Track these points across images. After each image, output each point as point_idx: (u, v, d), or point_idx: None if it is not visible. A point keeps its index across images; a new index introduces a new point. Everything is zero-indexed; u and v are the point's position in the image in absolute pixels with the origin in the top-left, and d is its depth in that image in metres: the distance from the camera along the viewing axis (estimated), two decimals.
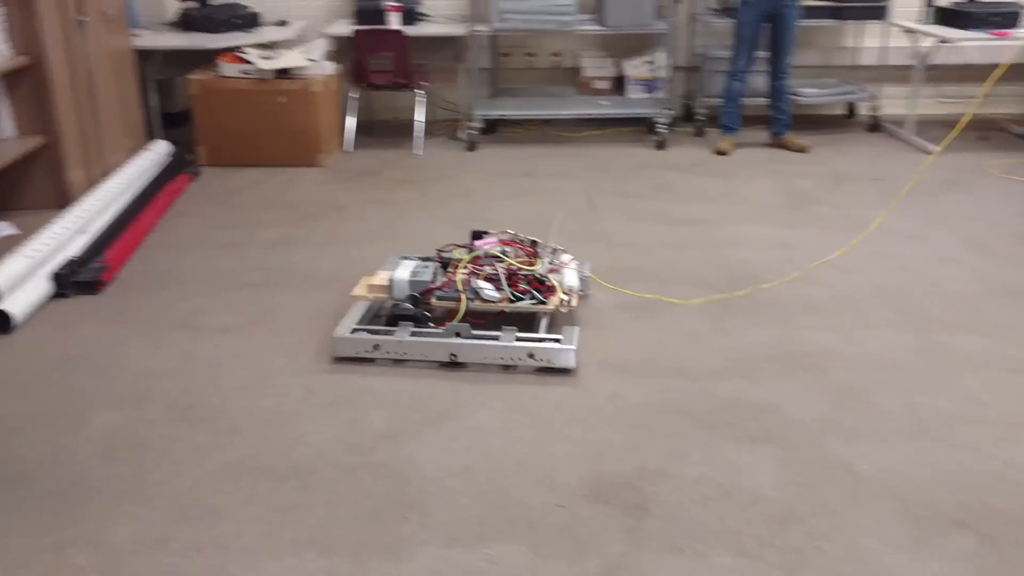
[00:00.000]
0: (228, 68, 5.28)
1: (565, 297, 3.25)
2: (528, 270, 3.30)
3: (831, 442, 2.67)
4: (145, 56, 5.48)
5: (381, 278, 3.35)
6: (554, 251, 3.50)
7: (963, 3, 5.65)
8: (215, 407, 2.87)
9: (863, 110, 6.35)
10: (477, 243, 3.44)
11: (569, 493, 2.44)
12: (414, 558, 2.21)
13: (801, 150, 5.66)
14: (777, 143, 5.77)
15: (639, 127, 6.13)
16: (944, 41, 5.52)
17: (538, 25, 5.65)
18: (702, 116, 6.03)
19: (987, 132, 6.10)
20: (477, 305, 3.21)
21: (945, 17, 5.67)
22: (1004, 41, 5.58)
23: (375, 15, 5.62)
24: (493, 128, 6.14)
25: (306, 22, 5.99)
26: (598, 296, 3.65)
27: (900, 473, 2.52)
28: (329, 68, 5.47)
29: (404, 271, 3.31)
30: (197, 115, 5.35)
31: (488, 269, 3.30)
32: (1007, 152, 5.67)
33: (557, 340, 3.08)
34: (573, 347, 3.04)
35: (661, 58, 5.91)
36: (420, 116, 5.71)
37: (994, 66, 6.18)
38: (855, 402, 2.89)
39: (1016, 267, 3.92)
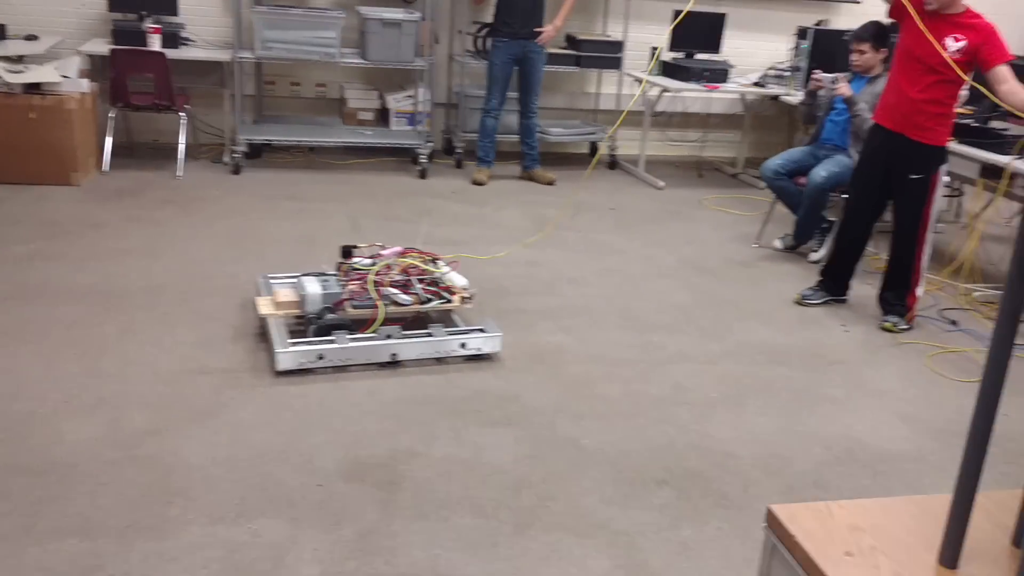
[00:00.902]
0: None
1: (465, 295, 3.60)
2: (435, 271, 3.64)
3: (561, 422, 3.08)
4: None
5: (286, 295, 3.52)
6: (434, 260, 3.79)
7: (681, 58, 6.50)
8: None
9: (603, 149, 7.07)
10: (384, 252, 3.70)
11: (326, 475, 2.67)
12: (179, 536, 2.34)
13: (548, 183, 6.22)
14: (527, 176, 6.30)
15: (402, 157, 6.47)
16: (666, 90, 6.32)
17: (302, 55, 5.86)
18: (460, 149, 6.47)
19: (703, 171, 7.00)
20: (392, 310, 3.45)
21: (668, 70, 6.49)
22: (714, 93, 6.48)
23: (135, 35, 5.59)
24: (258, 153, 6.24)
25: (59, 38, 5.83)
26: None
27: (617, 446, 2.96)
28: (85, 85, 5.37)
29: (314, 285, 3.46)
30: None
31: (393, 276, 3.56)
32: (720, 188, 6.55)
33: (482, 330, 3.47)
34: (500, 334, 3.47)
35: (422, 93, 6.29)
36: (182, 138, 5.72)
37: (711, 115, 7.17)
38: (583, 390, 3.32)
39: (722, 283, 4.60)
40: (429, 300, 3.52)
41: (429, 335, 3.41)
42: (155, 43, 5.58)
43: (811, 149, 5.05)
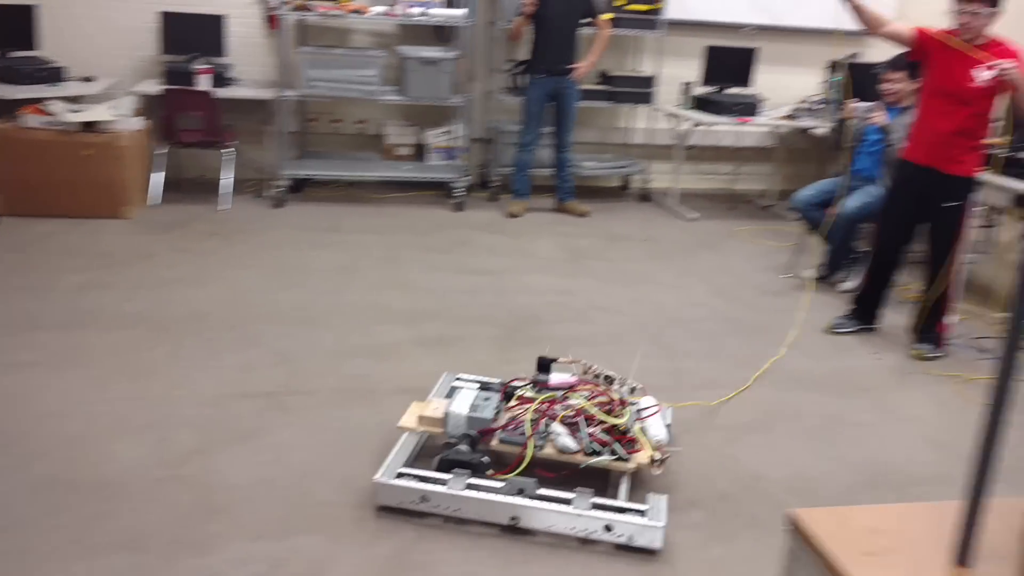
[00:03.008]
0: (31, 119, 5.30)
1: (656, 455, 2.75)
2: (614, 421, 2.79)
3: None
4: None
5: (435, 409, 2.93)
6: (632, 390, 2.99)
7: (713, 92, 6.59)
8: (21, 432, 2.96)
9: (635, 182, 7.16)
10: (554, 379, 2.98)
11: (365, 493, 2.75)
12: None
13: (582, 215, 6.32)
14: (561, 208, 6.41)
15: (439, 191, 6.61)
16: (698, 124, 6.41)
17: (344, 93, 6.05)
18: (496, 183, 6.61)
19: (735, 203, 7.05)
20: (546, 454, 2.76)
21: (699, 104, 6.59)
22: (746, 127, 6.55)
23: (185, 76, 5.82)
24: (300, 188, 6.43)
25: (114, 79, 6.08)
26: (394, 331, 4.00)
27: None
28: (137, 123, 5.60)
29: (462, 403, 2.90)
30: None
31: (563, 411, 2.82)
32: (751, 220, 6.60)
33: (641, 512, 2.58)
34: (660, 524, 2.52)
35: (458, 129, 6.45)
36: (227, 173, 5.91)
37: (742, 148, 7.24)
38: None
39: (752, 311, 4.64)
40: (597, 452, 2.73)
41: (568, 503, 2.59)
42: (204, 83, 5.81)
43: (842, 180, 5.10)
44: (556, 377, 3.04)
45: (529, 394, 2.96)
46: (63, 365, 3.48)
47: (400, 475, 2.70)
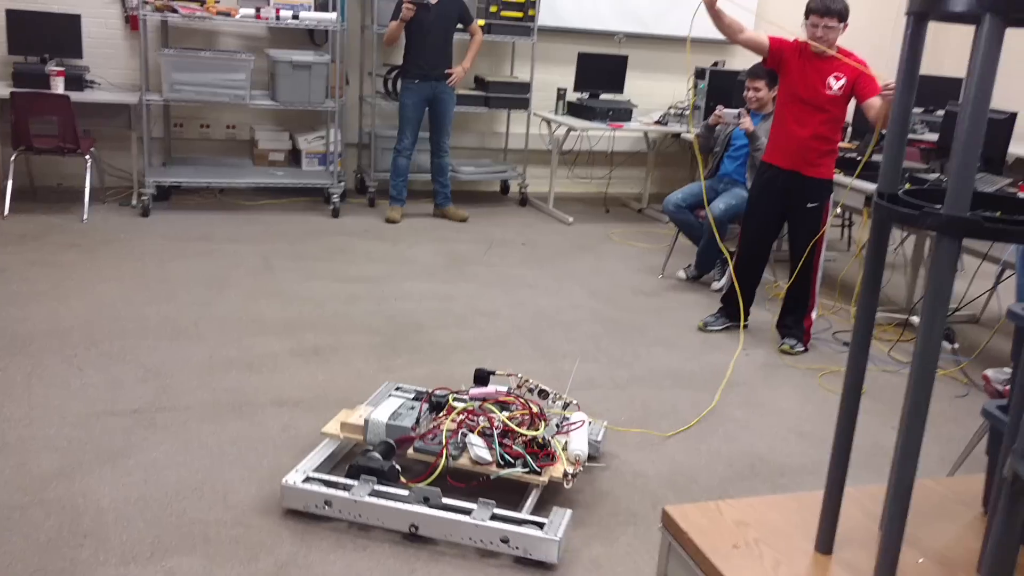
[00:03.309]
0: None
1: (569, 469, 2.75)
2: (529, 434, 2.79)
3: None
4: None
5: (357, 416, 2.93)
6: (566, 405, 3.09)
7: (586, 98, 6.73)
8: None
9: (514, 187, 7.23)
10: (474, 391, 2.99)
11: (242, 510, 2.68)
12: None
13: (461, 220, 6.33)
14: (440, 213, 6.40)
15: (315, 197, 6.49)
16: (572, 129, 6.54)
17: (211, 97, 5.86)
18: (373, 188, 6.54)
19: (610, 206, 7.22)
20: (460, 464, 2.76)
21: (573, 109, 6.71)
22: (618, 132, 6.72)
23: (37, 78, 5.51)
24: (167, 196, 6.19)
25: None
26: (269, 342, 3.91)
27: None
28: None
29: (384, 411, 2.89)
30: None
31: (483, 422, 2.81)
32: (626, 223, 6.77)
33: (540, 525, 2.55)
34: (556, 538, 2.49)
35: (333, 134, 6.35)
36: (87, 182, 5.64)
37: (615, 152, 7.42)
38: None
39: (629, 312, 4.76)
40: (509, 464, 2.73)
41: (467, 513, 2.58)
42: (59, 86, 5.51)
43: (710, 183, 5.30)
44: (477, 389, 3.04)
45: (459, 405, 2.95)
46: None
47: (308, 479, 2.69)
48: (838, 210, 4.43)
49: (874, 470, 3.23)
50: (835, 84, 4.04)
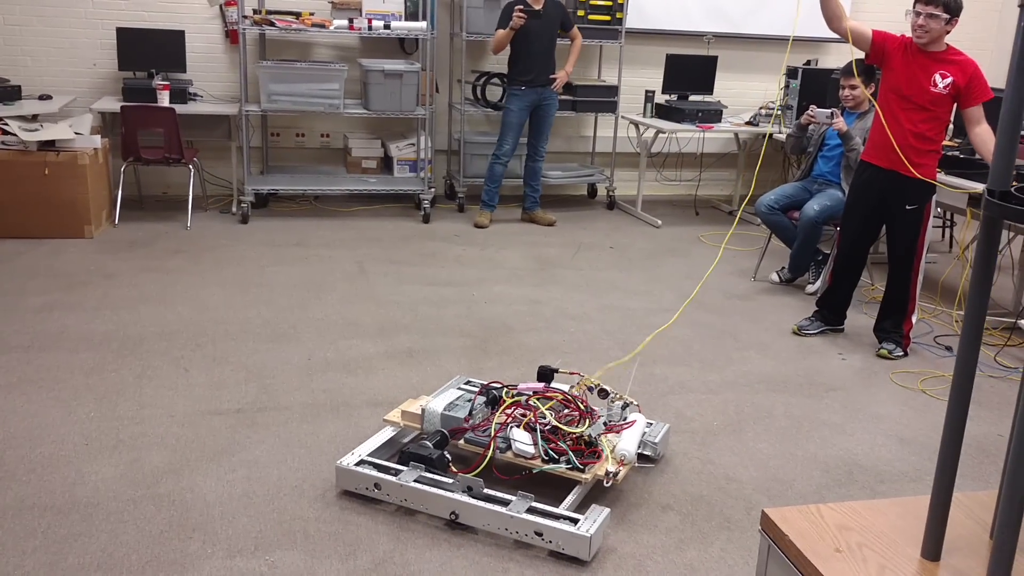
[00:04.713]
0: None
1: (612, 469, 2.75)
2: (571, 431, 2.82)
3: None
4: None
5: (417, 406, 3.04)
6: (626, 406, 3.05)
7: (675, 100, 6.67)
8: None
9: (601, 190, 7.22)
10: (522, 385, 3.05)
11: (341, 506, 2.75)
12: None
13: (549, 224, 6.36)
14: (528, 217, 6.44)
15: (406, 203, 6.61)
16: (661, 132, 6.49)
17: (307, 107, 6.04)
18: (462, 193, 6.63)
19: (701, 209, 7.14)
20: (507, 457, 2.82)
21: (661, 112, 6.66)
22: (708, 133, 6.64)
23: (145, 92, 5.78)
24: (264, 203, 6.40)
25: (72, 97, 6.02)
26: (363, 345, 4.00)
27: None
28: (96, 141, 5.54)
29: (441, 401, 3.01)
30: None
31: (530, 417, 2.85)
32: (716, 225, 6.68)
33: (574, 521, 2.58)
34: (589, 535, 2.51)
35: (423, 141, 6.46)
36: (190, 190, 5.87)
37: (705, 154, 7.33)
38: None
39: (721, 315, 4.70)
40: (553, 460, 2.77)
41: (505, 504, 2.64)
42: (164, 99, 5.76)
43: (804, 184, 5.19)
44: (525, 384, 3.09)
45: (510, 399, 2.99)
46: (29, 387, 3.43)
47: (361, 462, 2.83)
48: (938, 209, 4.27)
49: (980, 479, 3.13)
50: (941, 82, 3.89)
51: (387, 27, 6.01)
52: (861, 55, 4.12)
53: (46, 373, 3.56)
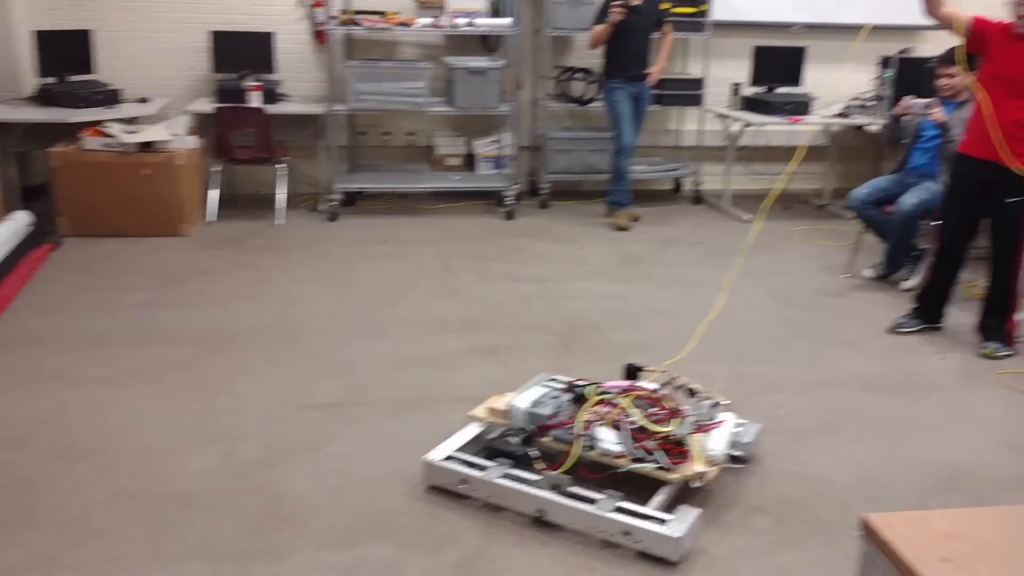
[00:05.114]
0: (91, 142, 5.44)
1: (702, 469, 2.72)
2: (657, 430, 2.78)
3: None
4: (2, 129, 5.57)
5: (504, 402, 3.02)
6: (715, 405, 3.02)
7: (763, 92, 6.52)
8: (95, 447, 3.04)
9: (687, 185, 7.11)
10: (608, 383, 3.02)
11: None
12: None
13: (634, 219, 6.29)
14: (609, 214, 6.38)
15: (489, 200, 6.63)
16: (748, 125, 6.35)
17: (393, 106, 6.11)
18: (545, 190, 6.61)
19: (790, 203, 6.96)
20: (593, 455, 2.81)
21: (749, 104, 6.52)
22: (797, 126, 6.47)
23: (237, 94, 5.93)
24: (352, 201, 6.50)
25: (168, 99, 6.23)
26: (449, 340, 4.03)
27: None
28: (192, 142, 5.72)
29: (526, 398, 2.98)
30: (59, 187, 5.46)
31: (614, 414, 2.83)
32: (807, 220, 6.51)
33: (663, 521, 2.54)
34: (678, 535, 2.47)
35: (507, 138, 6.47)
36: (281, 189, 6.01)
37: (793, 147, 7.14)
38: None
39: (811, 313, 4.58)
40: (641, 460, 2.75)
41: (592, 503, 2.61)
42: (255, 100, 5.91)
43: (899, 177, 5.01)
44: (611, 382, 3.05)
45: (595, 397, 2.96)
46: (130, 381, 3.57)
47: (448, 458, 2.84)
48: None
49: None
50: None
51: (472, 24, 6.03)
52: (959, 42, 3.95)
53: (145, 367, 3.69)
